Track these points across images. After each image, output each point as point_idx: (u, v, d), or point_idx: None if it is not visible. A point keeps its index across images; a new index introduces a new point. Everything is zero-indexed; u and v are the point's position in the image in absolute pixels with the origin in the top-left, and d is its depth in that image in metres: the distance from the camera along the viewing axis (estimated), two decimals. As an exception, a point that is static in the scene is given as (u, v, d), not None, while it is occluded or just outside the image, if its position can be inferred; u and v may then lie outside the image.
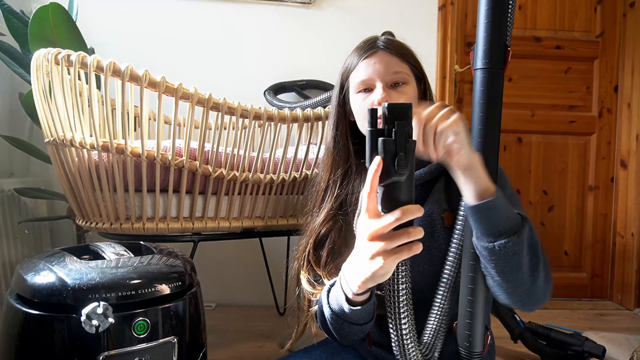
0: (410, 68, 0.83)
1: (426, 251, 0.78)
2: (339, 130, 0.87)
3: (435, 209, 0.80)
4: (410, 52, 0.84)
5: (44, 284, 0.73)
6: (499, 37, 0.63)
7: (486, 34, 0.63)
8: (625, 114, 2.08)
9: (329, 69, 1.87)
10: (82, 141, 1.05)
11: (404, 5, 1.93)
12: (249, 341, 1.54)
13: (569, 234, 2.15)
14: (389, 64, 0.80)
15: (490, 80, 0.64)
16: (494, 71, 0.63)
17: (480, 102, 0.64)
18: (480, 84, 0.65)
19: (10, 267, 1.53)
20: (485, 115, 0.64)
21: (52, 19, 1.39)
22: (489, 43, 0.63)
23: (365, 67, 0.81)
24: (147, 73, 1.00)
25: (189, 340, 0.81)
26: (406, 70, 0.82)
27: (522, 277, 0.65)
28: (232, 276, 1.94)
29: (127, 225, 1.11)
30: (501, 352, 1.45)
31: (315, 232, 0.85)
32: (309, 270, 0.85)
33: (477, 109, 0.65)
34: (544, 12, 2.08)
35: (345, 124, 0.88)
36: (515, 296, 0.68)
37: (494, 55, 0.63)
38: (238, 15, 1.88)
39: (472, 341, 0.69)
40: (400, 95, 0.80)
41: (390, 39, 0.84)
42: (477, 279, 0.67)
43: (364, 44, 0.84)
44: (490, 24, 0.63)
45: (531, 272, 0.66)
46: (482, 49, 0.64)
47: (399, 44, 0.84)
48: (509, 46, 0.64)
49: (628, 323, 1.81)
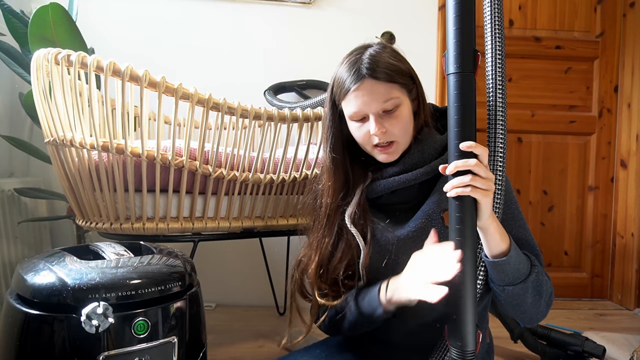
0: (400, 87, 0.80)
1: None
2: (336, 153, 0.86)
3: (435, 208, 0.80)
4: (397, 70, 0.80)
5: (44, 284, 0.73)
6: (468, 42, 0.66)
7: (455, 40, 0.66)
8: (625, 114, 2.08)
9: (329, 69, 1.84)
10: (82, 141, 1.05)
11: (404, 5, 1.92)
12: (249, 341, 1.54)
13: (569, 234, 2.15)
14: (378, 94, 0.78)
15: (463, 84, 0.67)
16: (466, 75, 0.67)
17: (455, 105, 0.67)
18: (453, 88, 0.68)
19: (10, 267, 1.53)
20: (460, 117, 0.67)
21: (52, 19, 1.39)
22: (459, 49, 0.66)
23: (354, 99, 0.80)
24: (147, 73, 1.00)
25: (189, 340, 0.81)
26: (396, 93, 0.79)
27: (524, 308, 0.77)
28: (232, 276, 1.94)
29: (127, 225, 1.11)
30: (501, 352, 1.45)
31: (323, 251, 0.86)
32: (319, 284, 0.86)
33: (452, 112, 0.68)
34: (544, 12, 2.08)
35: (341, 142, 0.87)
36: (517, 316, 0.80)
37: (465, 60, 0.66)
38: (238, 15, 1.88)
39: (464, 340, 0.69)
40: (394, 120, 0.80)
41: (375, 59, 0.79)
42: (466, 277, 0.67)
43: (350, 68, 0.80)
44: (458, 30, 0.66)
45: (533, 305, 0.77)
46: (453, 54, 0.67)
47: (385, 64, 0.79)
48: (477, 51, 0.67)
49: (628, 323, 1.81)
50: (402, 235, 0.81)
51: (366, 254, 0.82)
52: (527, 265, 0.76)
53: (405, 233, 0.81)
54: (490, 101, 0.75)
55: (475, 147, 0.65)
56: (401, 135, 0.81)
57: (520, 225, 0.83)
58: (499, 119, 0.74)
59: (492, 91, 0.75)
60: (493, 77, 0.74)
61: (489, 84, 0.75)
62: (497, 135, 0.74)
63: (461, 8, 0.66)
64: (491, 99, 0.75)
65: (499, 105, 0.74)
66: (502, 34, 0.74)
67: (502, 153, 0.75)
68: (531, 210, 2.13)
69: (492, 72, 0.74)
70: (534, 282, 0.75)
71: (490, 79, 0.75)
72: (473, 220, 0.67)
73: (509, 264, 0.72)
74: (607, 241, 2.15)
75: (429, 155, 0.83)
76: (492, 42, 0.74)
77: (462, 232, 0.67)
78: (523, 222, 0.84)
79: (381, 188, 0.84)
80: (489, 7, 0.74)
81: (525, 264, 0.75)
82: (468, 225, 0.67)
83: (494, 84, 0.74)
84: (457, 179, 0.66)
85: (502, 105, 0.74)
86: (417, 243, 0.78)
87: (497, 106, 0.74)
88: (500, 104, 0.74)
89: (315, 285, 0.85)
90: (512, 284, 0.74)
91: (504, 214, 0.78)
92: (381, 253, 0.82)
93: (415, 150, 0.83)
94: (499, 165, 0.75)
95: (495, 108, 0.74)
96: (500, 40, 0.74)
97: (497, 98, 0.74)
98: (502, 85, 0.74)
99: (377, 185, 0.84)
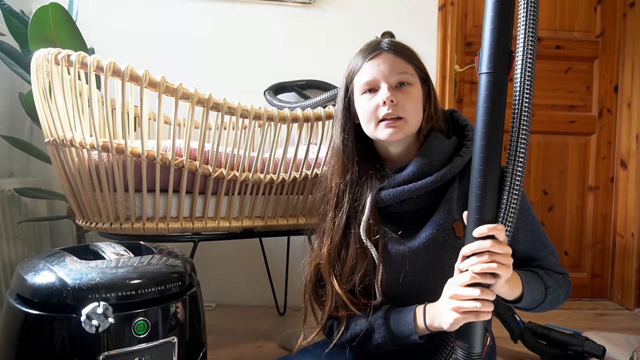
0: (415, 69, 0.83)
1: (437, 261, 0.79)
2: (347, 134, 0.87)
3: (446, 218, 0.80)
4: (414, 54, 0.85)
5: (44, 284, 0.73)
6: (504, 42, 0.64)
7: (492, 40, 0.65)
8: (625, 114, 2.08)
9: (329, 69, 1.88)
10: (82, 141, 1.05)
11: (404, 5, 1.93)
12: (249, 341, 1.54)
13: (569, 234, 2.15)
14: (394, 65, 0.80)
15: (495, 85, 0.65)
16: (499, 76, 0.65)
17: (485, 105, 0.66)
18: (484, 88, 0.66)
19: (10, 267, 1.53)
20: (489, 118, 0.65)
21: (52, 19, 1.39)
22: (494, 48, 0.64)
23: (370, 68, 0.81)
24: (147, 73, 1.00)
25: (189, 340, 0.81)
26: (411, 71, 0.82)
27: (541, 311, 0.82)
28: (232, 276, 1.94)
29: (127, 225, 1.11)
30: (501, 352, 1.46)
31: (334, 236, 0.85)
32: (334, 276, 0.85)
33: (482, 112, 0.66)
34: (544, 12, 2.08)
35: (352, 127, 0.87)
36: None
37: (499, 60, 0.64)
38: (238, 16, 1.88)
39: (472, 342, 0.69)
40: (405, 95, 0.80)
41: (394, 41, 0.84)
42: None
43: (368, 47, 0.84)
44: (496, 29, 0.64)
45: (551, 307, 0.82)
46: (487, 54, 0.65)
47: (403, 45, 0.84)
48: (513, 52, 0.65)
49: (628, 323, 1.81)
50: (414, 246, 0.80)
51: (381, 269, 0.81)
52: (542, 292, 0.78)
53: (417, 244, 0.80)
54: (516, 103, 0.71)
55: (489, 230, 0.65)
56: (410, 113, 0.80)
57: (533, 230, 0.83)
58: (524, 120, 0.70)
59: (519, 93, 0.71)
60: (522, 79, 0.70)
61: (517, 85, 0.71)
62: (520, 137, 0.70)
63: (500, 6, 0.64)
64: (517, 100, 0.71)
65: (524, 109, 0.70)
66: (535, 35, 0.70)
67: (523, 155, 0.71)
68: (531, 210, 2.13)
69: (521, 74, 0.70)
70: (550, 302, 0.79)
71: (519, 81, 0.70)
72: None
73: (524, 301, 0.75)
74: (607, 241, 2.15)
75: (438, 162, 0.82)
76: (525, 44, 0.69)
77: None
78: (537, 225, 0.84)
79: (390, 197, 0.82)
80: (523, 8, 0.69)
81: (539, 291, 0.77)
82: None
83: (522, 85, 0.70)
84: (475, 259, 0.66)
85: (527, 109, 0.70)
86: (429, 254, 0.78)
87: (522, 109, 0.70)
88: (525, 108, 0.70)
89: (332, 275, 0.84)
90: (527, 309, 0.79)
91: (518, 221, 0.77)
92: (396, 267, 0.81)
93: (423, 157, 0.82)
94: (518, 167, 0.71)
95: (521, 111, 0.71)
96: (533, 42, 0.69)
97: (524, 101, 0.70)
98: (529, 88, 0.70)
99: (385, 194, 0.83)
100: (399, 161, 0.86)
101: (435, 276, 0.78)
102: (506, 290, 0.71)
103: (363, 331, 0.80)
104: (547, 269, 0.84)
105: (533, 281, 0.77)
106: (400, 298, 0.82)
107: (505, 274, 0.66)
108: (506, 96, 0.66)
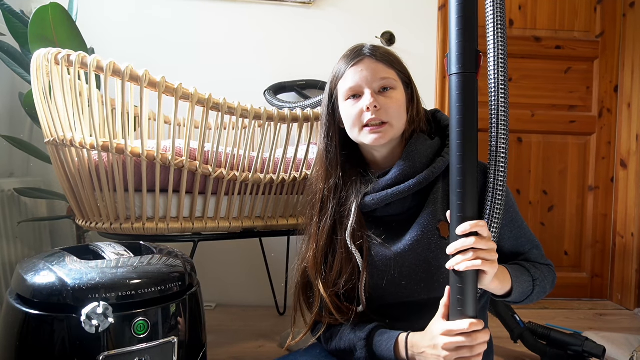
0: (397, 74, 0.84)
1: (423, 262, 0.79)
2: (330, 140, 0.88)
3: (430, 219, 0.80)
4: (396, 59, 0.85)
5: (44, 284, 0.73)
6: (470, 43, 0.66)
7: (458, 41, 0.67)
8: (625, 114, 2.08)
9: (329, 69, 1.86)
10: (82, 141, 1.05)
11: (404, 5, 1.92)
12: (249, 341, 1.54)
13: (569, 234, 2.15)
14: (376, 71, 0.81)
15: (465, 84, 0.67)
16: (468, 75, 0.67)
17: (457, 105, 0.68)
18: (455, 89, 0.68)
19: (10, 267, 1.53)
20: (462, 117, 0.67)
21: (52, 19, 1.39)
22: (462, 49, 0.66)
23: (353, 74, 0.82)
24: (147, 73, 1.00)
25: (189, 340, 0.81)
26: (393, 75, 0.83)
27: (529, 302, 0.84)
28: (232, 276, 1.94)
29: (127, 225, 1.11)
30: (501, 352, 1.46)
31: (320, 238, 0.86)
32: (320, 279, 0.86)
33: (455, 112, 0.68)
34: (544, 12, 2.08)
35: (336, 132, 0.88)
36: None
37: (467, 60, 0.66)
38: (238, 16, 1.88)
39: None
40: (388, 100, 0.81)
41: (376, 46, 0.85)
42: (467, 278, 0.67)
43: (351, 52, 0.85)
44: (461, 31, 0.66)
45: (538, 298, 0.83)
46: (455, 55, 0.67)
47: (385, 50, 0.85)
48: (480, 52, 0.67)
49: (628, 323, 1.81)
50: (400, 249, 0.81)
51: (365, 275, 0.82)
52: (530, 284, 0.80)
53: (402, 247, 0.81)
54: (492, 101, 0.75)
55: (471, 227, 0.66)
56: (394, 118, 0.81)
57: (518, 226, 0.84)
58: (501, 119, 0.74)
59: (495, 91, 0.74)
60: (495, 77, 0.74)
61: (491, 84, 0.75)
62: (500, 136, 0.74)
63: (464, 9, 0.66)
64: (493, 99, 0.75)
65: (501, 106, 0.74)
66: (504, 33, 0.73)
67: (504, 154, 0.74)
68: (531, 210, 2.13)
69: (494, 73, 0.74)
70: (538, 293, 0.81)
71: (493, 79, 0.74)
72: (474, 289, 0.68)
73: (513, 294, 0.77)
74: (607, 241, 2.15)
75: (420, 164, 0.82)
76: (495, 42, 0.73)
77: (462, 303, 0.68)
78: (521, 221, 0.85)
79: (374, 202, 0.83)
80: (491, 7, 0.73)
81: (527, 283, 0.79)
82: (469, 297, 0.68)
83: (496, 84, 0.74)
84: (460, 257, 0.66)
85: (504, 106, 0.74)
86: (416, 255, 0.79)
87: (499, 106, 0.74)
88: (502, 104, 0.74)
89: (318, 278, 0.84)
90: (516, 302, 0.81)
91: (503, 219, 0.79)
92: (382, 270, 0.81)
93: (405, 160, 0.82)
94: (500, 166, 0.75)
95: (498, 108, 0.74)
96: (503, 41, 0.73)
97: (500, 98, 0.74)
98: (504, 86, 0.74)
99: (370, 199, 0.83)
100: (384, 164, 0.87)
101: (422, 278, 0.79)
102: (496, 286, 0.73)
103: (347, 348, 0.82)
104: (533, 262, 0.85)
105: (521, 274, 0.79)
106: (385, 305, 0.83)
107: (491, 270, 0.67)
108: (477, 95, 0.68)
